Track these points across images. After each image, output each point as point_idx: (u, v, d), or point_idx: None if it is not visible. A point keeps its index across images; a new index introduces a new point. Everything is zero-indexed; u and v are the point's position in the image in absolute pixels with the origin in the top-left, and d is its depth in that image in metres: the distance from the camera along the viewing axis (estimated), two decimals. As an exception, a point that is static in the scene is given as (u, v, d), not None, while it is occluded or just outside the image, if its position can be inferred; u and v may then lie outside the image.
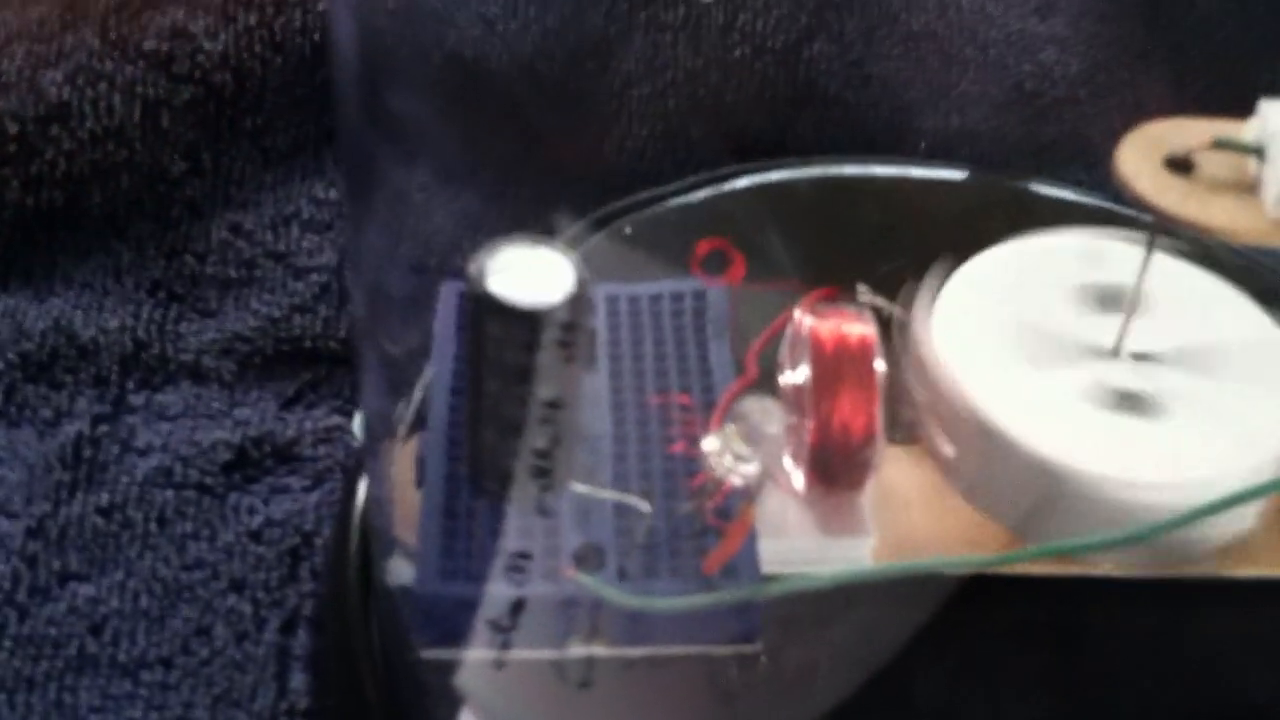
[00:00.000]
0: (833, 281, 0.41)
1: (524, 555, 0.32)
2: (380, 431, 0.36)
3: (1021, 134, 0.53)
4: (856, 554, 0.35)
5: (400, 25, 0.43)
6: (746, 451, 0.32)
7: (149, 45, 0.48)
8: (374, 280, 0.35)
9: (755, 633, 0.33)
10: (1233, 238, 0.31)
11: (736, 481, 0.32)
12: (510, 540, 0.32)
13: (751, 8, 0.51)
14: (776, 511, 0.35)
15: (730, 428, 0.32)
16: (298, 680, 0.37)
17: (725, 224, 0.45)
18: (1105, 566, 0.35)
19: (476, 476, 0.31)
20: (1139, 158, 0.32)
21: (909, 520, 0.37)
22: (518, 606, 0.31)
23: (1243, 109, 0.34)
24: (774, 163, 0.48)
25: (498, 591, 0.32)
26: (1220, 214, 0.31)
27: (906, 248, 0.42)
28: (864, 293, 0.40)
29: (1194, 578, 0.35)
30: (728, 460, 0.32)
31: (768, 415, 0.32)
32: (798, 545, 0.35)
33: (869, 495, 0.35)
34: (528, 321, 0.27)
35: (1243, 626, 0.36)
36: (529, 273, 0.28)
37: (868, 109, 0.52)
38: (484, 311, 0.28)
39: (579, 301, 0.28)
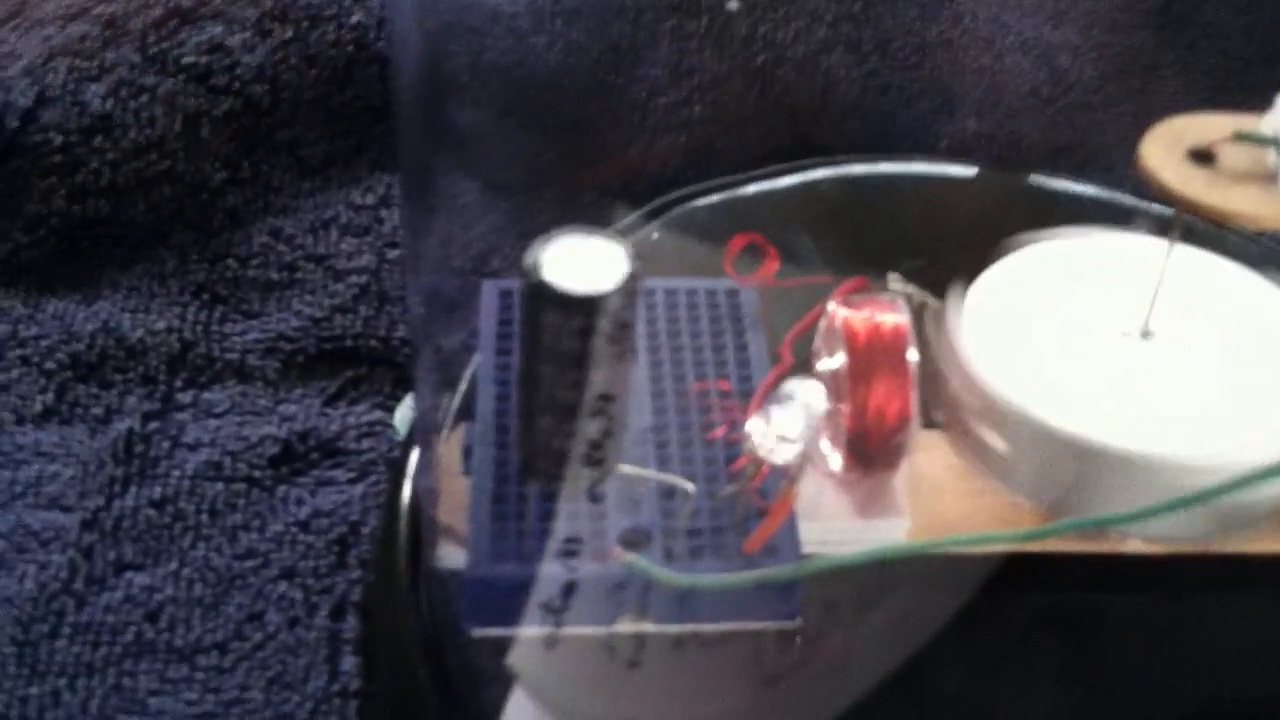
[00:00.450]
0: (863, 276, 0.42)
1: (575, 539, 0.33)
2: (429, 423, 0.37)
3: (1037, 139, 0.54)
4: (892, 535, 0.36)
5: (446, 39, 0.45)
6: (792, 432, 0.33)
7: (188, 59, 0.49)
8: (426, 280, 0.36)
9: (795, 610, 0.34)
10: (1254, 224, 0.32)
11: (779, 462, 0.33)
12: (559, 524, 0.34)
13: (772, 19, 0.53)
14: (814, 494, 0.37)
15: (774, 410, 0.33)
16: (348, 664, 0.38)
17: (756, 221, 0.46)
18: (1134, 545, 0.36)
19: (529, 463, 0.32)
20: (1163, 151, 0.34)
21: (943, 503, 0.38)
22: (569, 588, 0.32)
23: (1253, 112, 0.35)
24: (808, 162, 0.49)
25: (550, 573, 0.33)
26: (1243, 202, 0.32)
27: (935, 242, 0.44)
28: (896, 281, 0.42)
29: (1224, 554, 0.36)
30: (772, 442, 0.33)
31: (813, 394, 0.33)
32: (835, 527, 0.36)
33: (904, 478, 0.37)
34: (582, 308, 0.29)
35: (1271, 605, 0.37)
36: (583, 262, 0.30)
37: (885, 116, 0.53)
38: (538, 300, 0.29)
39: (632, 289, 0.29)
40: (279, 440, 0.43)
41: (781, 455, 0.33)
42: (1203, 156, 0.33)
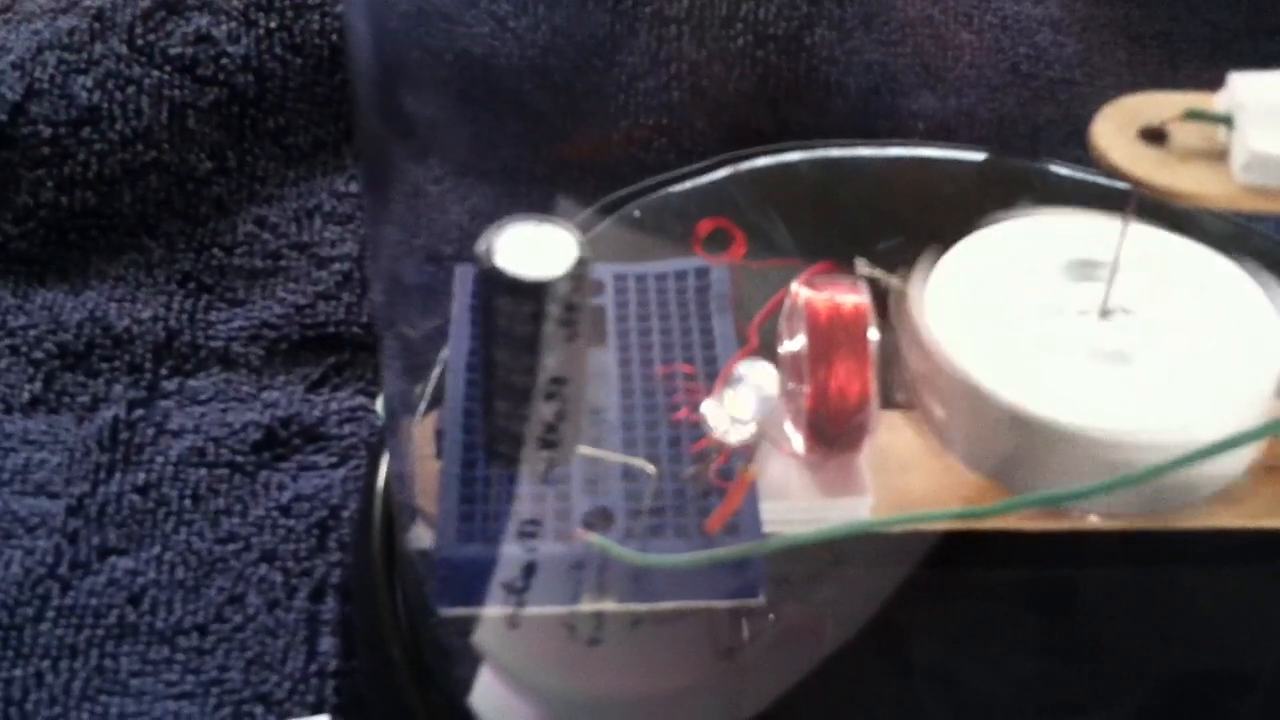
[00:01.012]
0: (834, 259, 0.43)
1: (539, 520, 0.34)
2: (401, 409, 0.38)
3: (1019, 114, 0.54)
4: (856, 514, 0.37)
5: (414, 25, 0.45)
6: (744, 414, 0.33)
7: (174, 50, 0.50)
8: (393, 268, 0.37)
9: (758, 588, 0.35)
10: (1202, 203, 0.33)
11: (733, 443, 0.34)
12: (522, 505, 0.34)
13: (752, -1, 0.53)
14: (779, 474, 0.37)
15: (728, 392, 0.34)
16: (327, 644, 0.39)
17: (729, 206, 0.47)
18: (1093, 520, 0.36)
19: (489, 446, 0.33)
20: (1114, 130, 0.34)
21: (907, 482, 0.38)
22: (530, 568, 0.33)
23: (1209, 90, 0.35)
24: (777, 147, 0.49)
25: (514, 554, 0.34)
26: (1191, 181, 0.33)
27: (907, 225, 0.44)
28: (863, 265, 0.42)
29: (1180, 529, 0.37)
30: (725, 423, 0.33)
31: (764, 377, 0.34)
32: (799, 506, 0.37)
33: (868, 458, 0.37)
34: (532, 294, 0.29)
35: (1229, 577, 0.37)
36: (535, 249, 0.30)
37: (868, 94, 0.54)
38: (491, 286, 0.29)
39: (581, 275, 0.30)
40: (262, 426, 0.44)
41: (735, 436, 0.34)
42: (1154, 135, 0.34)
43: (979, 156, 0.50)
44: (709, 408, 0.34)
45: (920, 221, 0.45)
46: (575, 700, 0.34)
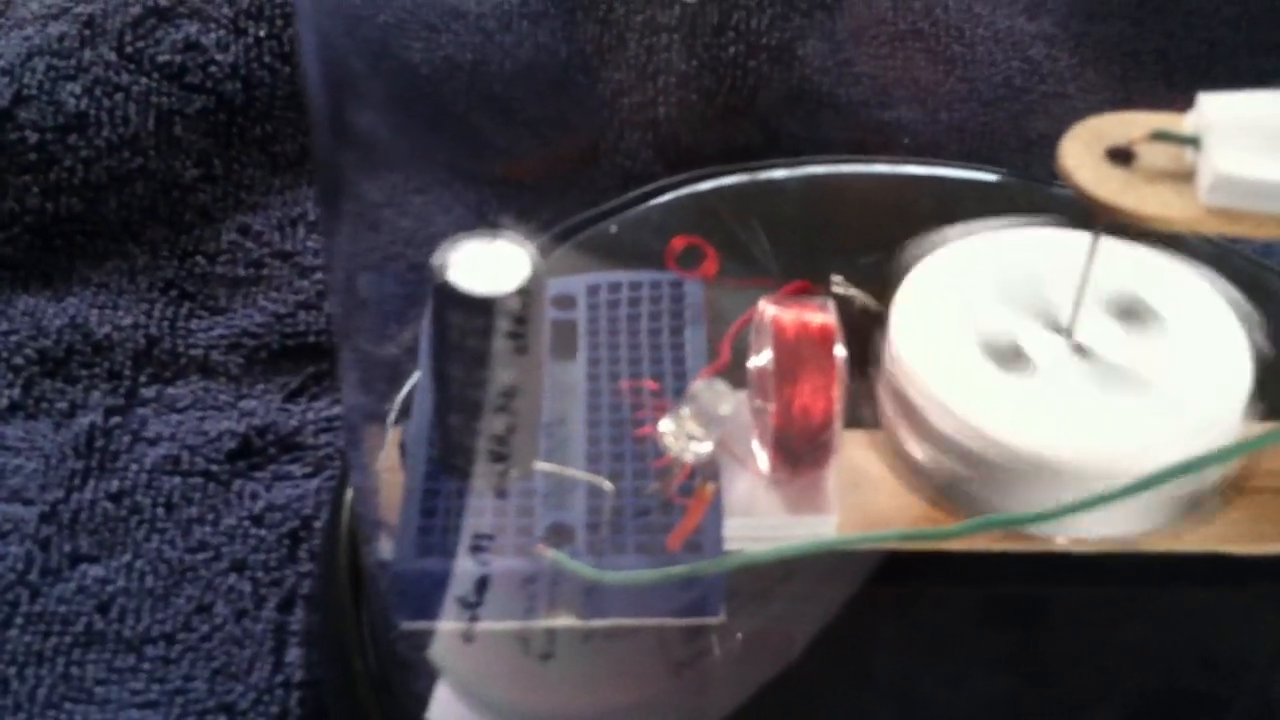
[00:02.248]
0: (815, 275, 0.42)
1: (501, 534, 0.34)
2: (365, 422, 0.38)
3: (1011, 128, 0.54)
4: (821, 532, 0.37)
5: (393, 38, 0.45)
6: (700, 432, 0.33)
7: (163, 58, 0.50)
8: (352, 281, 0.36)
9: (718, 606, 0.35)
10: (1167, 225, 0.32)
11: (689, 461, 0.34)
12: (483, 520, 0.34)
13: (745, 6, 0.53)
14: (746, 491, 0.37)
15: (684, 410, 0.34)
16: (293, 655, 0.39)
17: (711, 222, 0.46)
18: (1059, 542, 0.36)
19: (444, 460, 0.33)
20: (1081, 150, 0.34)
21: (876, 501, 0.38)
22: (483, 583, 0.33)
23: (1178, 111, 0.35)
24: (763, 164, 0.49)
25: (473, 568, 0.34)
26: (1156, 203, 0.32)
27: (889, 243, 0.44)
28: (839, 284, 0.42)
29: (1146, 552, 0.37)
30: (682, 441, 0.33)
31: (718, 397, 0.33)
32: (765, 523, 0.36)
33: (835, 476, 0.37)
34: (483, 309, 0.29)
35: (1194, 600, 0.37)
36: (489, 264, 0.30)
37: (859, 106, 0.53)
38: (443, 300, 0.29)
39: (532, 291, 0.29)
40: (238, 435, 0.44)
41: (691, 453, 0.34)
42: (1122, 155, 0.33)
43: (966, 174, 0.50)
44: (666, 425, 0.34)
45: (904, 238, 0.44)
46: (529, 716, 0.34)
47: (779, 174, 0.49)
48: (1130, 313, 0.37)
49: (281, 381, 0.46)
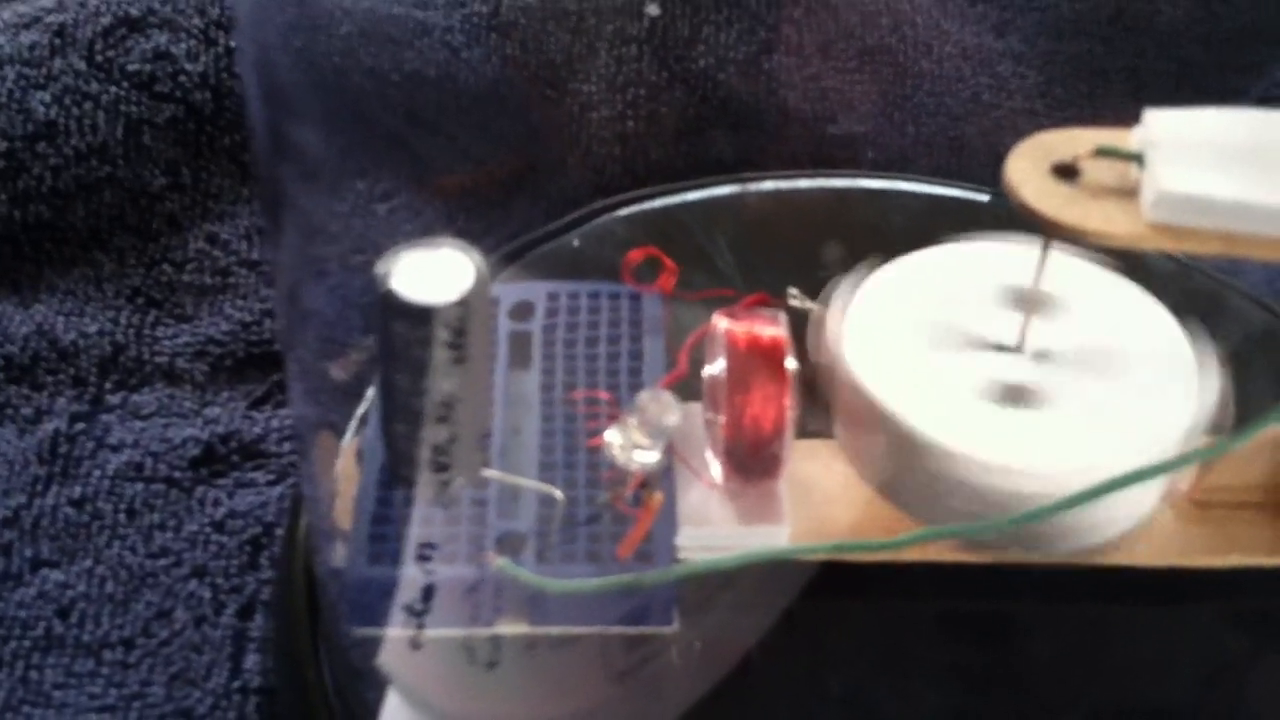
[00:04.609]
0: (778, 287, 0.43)
1: (452, 542, 0.34)
2: (313, 431, 0.38)
3: (979, 143, 0.54)
4: (773, 542, 0.37)
5: (359, 53, 0.46)
6: (646, 442, 0.33)
7: (133, 67, 0.50)
8: (297, 291, 0.37)
9: (670, 615, 0.35)
10: (1110, 241, 0.33)
11: (634, 471, 0.34)
12: (429, 528, 0.35)
13: (714, 21, 0.53)
14: (699, 501, 0.37)
15: (630, 421, 0.34)
16: (251, 661, 0.39)
17: (675, 235, 0.47)
18: (1011, 554, 0.36)
19: (392, 469, 0.33)
20: (1027, 166, 0.34)
21: (830, 512, 0.38)
22: (428, 591, 0.33)
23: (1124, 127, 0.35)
24: (730, 178, 0.50)
25: (423, 576, 0.34)
26: (1098, 219, 0.32)
27: (850, 257, 0.44)
28: (794, 296, 0.42)
29: (1100, 566, 0.37)
30: (628, 451, 0.34)
31: (664, 408, 0.34)
32: (718, 533, 0.37)
33: (787, 487, 0.37)
34: (425, 318, 0.29)
35: (1140, 615, 0.37)
36: (434, 274, 0.30)
37: (825, 120, 0.54)
38: (384, 309, 0.30)
39: (473, 301, 0.30)
40: (201, 442, 0.44)
41: (637, 464, 0.34)
42: (1067, 172, 0.34)
43: (933, 189, 0.51)
44: (612, 435, 0.34)
45: (868, 252, 0.45)
46: (476, 724, 0.34)
47: (744, 187, 0.49)
48: (1081, 327, 0.37)
49: (246, 389, 0.46)
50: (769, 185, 0.49)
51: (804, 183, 0.50)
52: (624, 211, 0.47)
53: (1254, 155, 0.32)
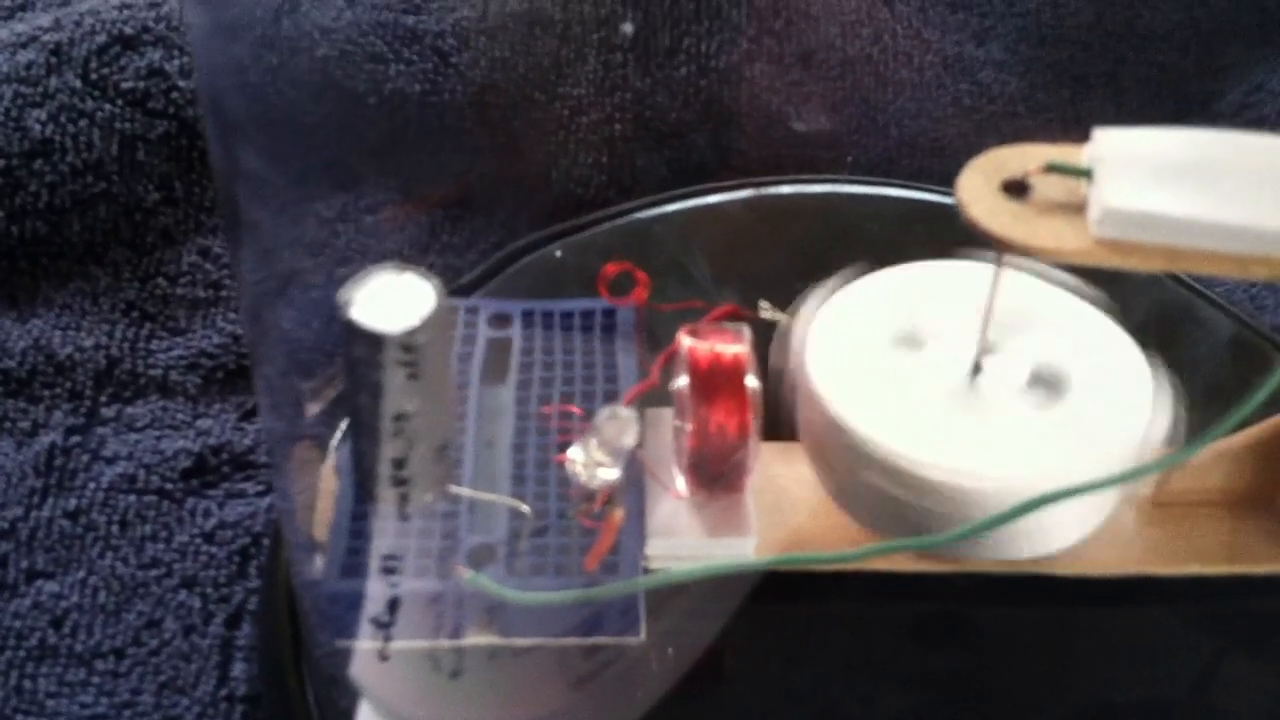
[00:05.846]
0: (758, 296, 0.44)
1: (396, 556, 0.35)
2: (282, 444, 0.39)
3: (960, 146, 0.55)
4: (740, 553, 0.38)
5: (341, 60, 0.47)
6: (606, 458, 0.34)
7: (127, 84, 0.51)
8: (262, 307, 0.37)
9: (638, 625, 0.36)
10: (1058, 257, 0.33)
11: (595, 486, 0.35)
12: (401, 541, 0.36)
13: (696, 32, 0.54)
14: (668, 513, 0.38)
15: (591, 439, 0.35)
16: (239, 670, 0.41)
17: (652, 246, 0.48)
18: (972, 564, 0.37)
19: (364, 485, 0.34)
20: (979, 182, 0.34)
21: (798, 523, 0.39)
22: (394, 603, 0.34)
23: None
24: (710, 187, 0.50)
25: (395, 589, 0.35)
26: (1047, 235, 0.33)
27: (831, 264, 0.45)
28: (765, 308, 0.43)
29: (1062, 575, 0.38)
30: (590, 469, 0.35)
31: (621, 427, 0.35)
32: (685, 544, 0.38)
33: (754, 499, 0.38)
34: (381, 344, 0.30)
35: (1101, 618, 0.38)
36: (396, 299, 0.31)
37: (808, 125, 0.54)
38: (347, 335, 0.31)
39: (433, 325, 0.31)
40: (193, 453, 0.45)
41: (599, 479, 0.35)
42: (1018, 188, 0.34)
43: (914, 194, 0.51)
44: (574, 453, 0.35)
45: (847, 260, 0.45)
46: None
47: (726, 196, 0.50)
48: (1036, 342, 0.38)
49: (237, 401, 0.47)
50: (749, 193, 0.50)
51: (786, 189, 0.51)
52: (610, 224, 0.48)
53: (1199, 172, 0.33)
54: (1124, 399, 0.37)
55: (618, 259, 0.44)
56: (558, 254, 0.47)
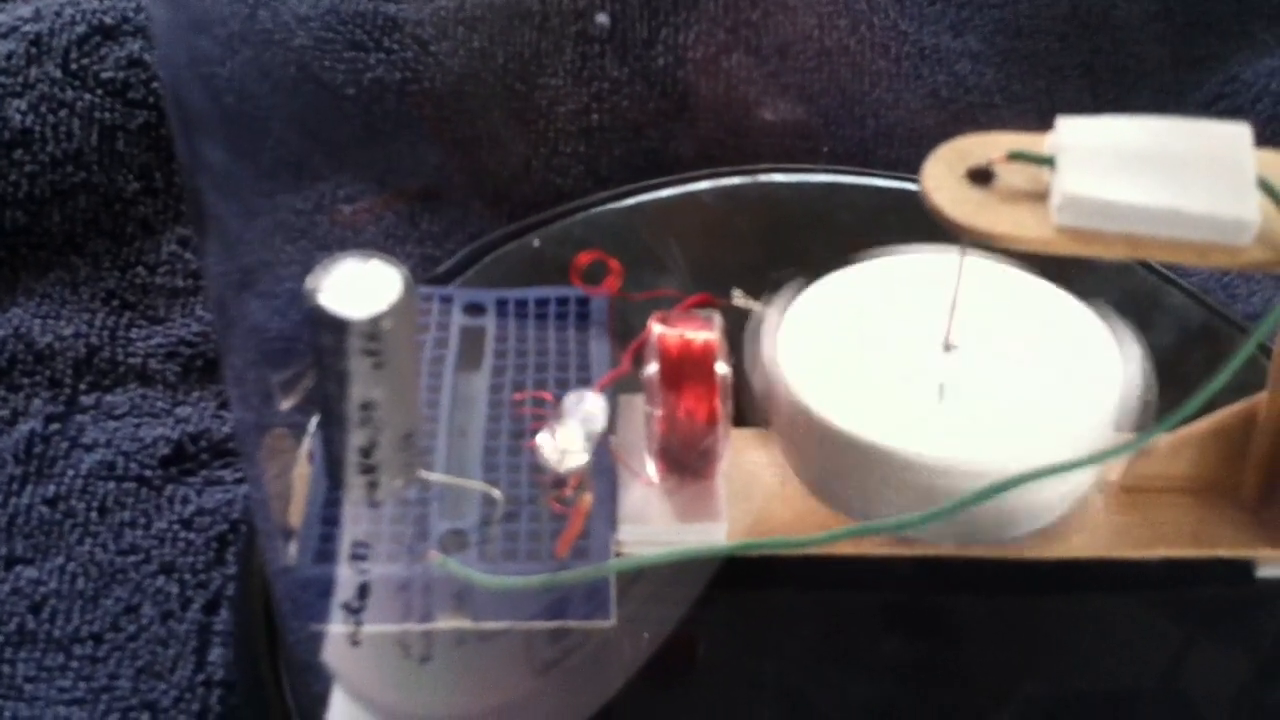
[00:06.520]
0: (732, 285, 0.44)
1: (365, 543, 0.36)
2: (246, 426, 0.39)
3: (937, 136, 0.55)
4: (711, 538, 0.38)
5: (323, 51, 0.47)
6: (573, 444, 0.35)
7: (107, 75, 0.52)
8: (230, 297, 0.38)
9: (608, 609, 0.36)
10: (1020, 245, 0.34)
11: (563, 472, 0.35)
12: (374, 527, 0.36)
13: (673, 23, 0.55)
14: (639, 499, 0.38)
15: (559, 425, 0.35)
16: (216, 655, 0.41)
17: (628, 236, 0.48)
18: (944, 548, 0.37)
19: (333, 472, 0.34)
20: (943, 171, 0.35)
21: (768, 509, 0.39)
22: (364, 589, 0.34)
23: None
24: (684, 176, 0.51)
25: (366, 574, 0.35)
26: (1008, 223, 0.33)
27: (806, 254, 0.45)
28: (740, 297, 0.43)
29: (1031, 559, 0.38)
30: (558, 454, 0.35)
31: (589, 412, 0.35)
32: (656, 530, 0.38)
33: (724, 484, 0.38)
34: (347, 330, 0.31)
35: (1063, 608, 0.38)
36: (362, 285, 0.32)
37: (784, 115, 0.55)
38: (314, 322, 0.31)
39: (399, 312, 0.31)
40: (172, 441, 0.46)
41: (567, 465, 0.35)
42: (981, 176, 0.35)
43: (891, 183, 0.52)
44: (543, 438, 0.35)
45: (823, 249, 0.46)
46: (415, 717, 0.36)
47: (703, 185, 0.51)
48: (1007, 328, 0.38)
49: (216, 389, 0.48)
50: (725, 182, 0.50)
51: (763, 179, 0.52)
52: (587, 212, 0.48)
53: (1160, 161, 0.33)
54: (1093, 381, 0.37)
55: (595, 248, 0.44)
56: (535, 243, 0.48)
